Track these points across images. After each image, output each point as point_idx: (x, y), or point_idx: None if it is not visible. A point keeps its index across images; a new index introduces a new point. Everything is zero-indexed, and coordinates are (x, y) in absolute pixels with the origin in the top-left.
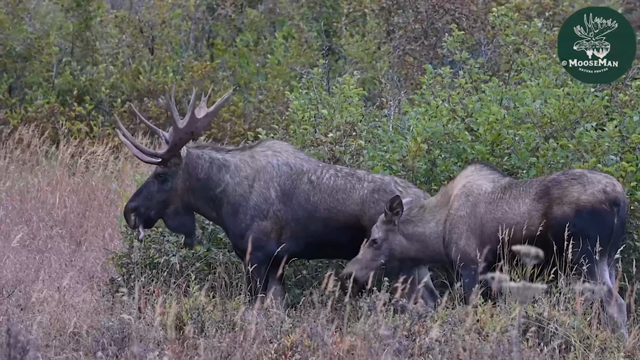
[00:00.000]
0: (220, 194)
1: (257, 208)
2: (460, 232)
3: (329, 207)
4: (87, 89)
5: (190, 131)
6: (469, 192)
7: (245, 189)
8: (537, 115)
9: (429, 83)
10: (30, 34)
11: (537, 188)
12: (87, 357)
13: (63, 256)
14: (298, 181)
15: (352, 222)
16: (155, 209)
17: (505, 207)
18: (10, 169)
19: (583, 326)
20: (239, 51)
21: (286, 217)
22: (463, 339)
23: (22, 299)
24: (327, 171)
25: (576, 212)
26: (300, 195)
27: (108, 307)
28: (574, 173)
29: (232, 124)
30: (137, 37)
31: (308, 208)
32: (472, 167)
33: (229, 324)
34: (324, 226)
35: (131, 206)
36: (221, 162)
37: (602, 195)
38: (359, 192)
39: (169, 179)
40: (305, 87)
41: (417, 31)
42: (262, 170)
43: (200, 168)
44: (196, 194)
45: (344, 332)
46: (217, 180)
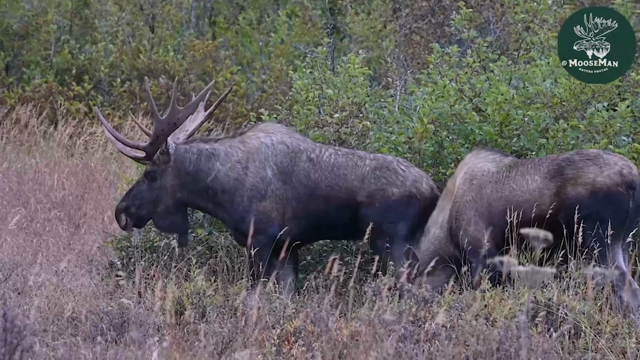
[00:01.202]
0: (211, 182)
1: (254, 189)
2: (468, 218)
3: (331, 183)
4: (86, 68)
5: (172, 122)
6: (472, 176)
7: (239, 172)
8: (547, 95)
9: (436, 62)
10: (27, 12)
11: (548, 167)
12: (86, 342)
13: (61, 239)
14: (297, 159)
15: (352, 200)
16: (146, 208)
17: (512, 184)
18: (7, 150)
19: (593, 311)
20: (241, 30)
21: (287, 196)
22: (470, 324)
23: (19, 283)
24: (326, 150)
25: (591, 194)
26: (300, 172)
27: (107, 292)
28: (589, 153)
29: (235, 104)
30: (137, 15)
31: (309, 185)
32: (469, 155)
33: (231, 309)
34: (325, 204)
35: (121, 206)
36: (209, 152)
37: (618, 178)
38: (361, 169)
39: (158, 177)
40: (309, 66)
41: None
42: (255, 152)
43: (189, 161)
44: (188, 188)
45: (348, 318)
46: (206, 170)
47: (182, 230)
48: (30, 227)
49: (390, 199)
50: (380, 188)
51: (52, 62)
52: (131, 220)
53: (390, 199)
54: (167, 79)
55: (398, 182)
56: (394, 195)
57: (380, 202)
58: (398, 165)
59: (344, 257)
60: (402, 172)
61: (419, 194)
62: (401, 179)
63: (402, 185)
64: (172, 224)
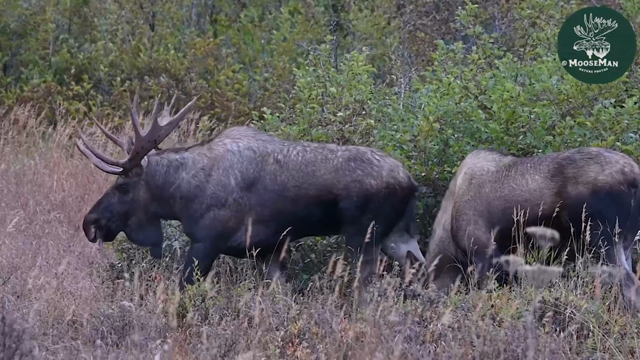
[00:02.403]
0: (174, 190)
1: (214, 197)
2: (467, 217)
3: (298, 183)
4: (85, 67)
5: (152, 139)
6: (471, 176)
7: (201, 179)
8: (554, 92)
9: (441, 59)
10: (25, 10)
11: (549, 165)
12: (86, 345)
13: (61, 241)
14: (263, 163)
15: (324, 195)
16: (117, 221)
17: (512, 184)
18: (5, 151)
19: (602, 311)
20: (243, 27)
21: (250, 203)
22: (476, 324)
23: (18, 286)
24: (294, 148)
25: (592, 192)
26: (266, 177)
27: (108, 294)
28: (590, 152)
29: (237, 103)
30: (137, 13)
31: (276, 189)
32: (469, 155)
33: (234, 311)
34: (294, 205)
35: (91, 218)
36: (178, 162)
37: (620, 176)
38: (333, 162)
39: (131, 189)
40: (312, 64)
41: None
42: (220, 159)
43: (158, 174)
44: (159, 200)
45: (353, 319)
46: (172, 181)
47: (157, 243)
48: (29, 229)
49: (368, 192)
50: (356, 179)
51: (50, 62)
52: (100, 233)
53: (368, 191)
54: (167, 77)
55: (374, 172)
56: (372, 187)
57: (358, 194)
58: (373, 155)
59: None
60: (378, 162)
61: (397, 183)
62: (377, 170)
63: (378, 176)
64: (146, 237)
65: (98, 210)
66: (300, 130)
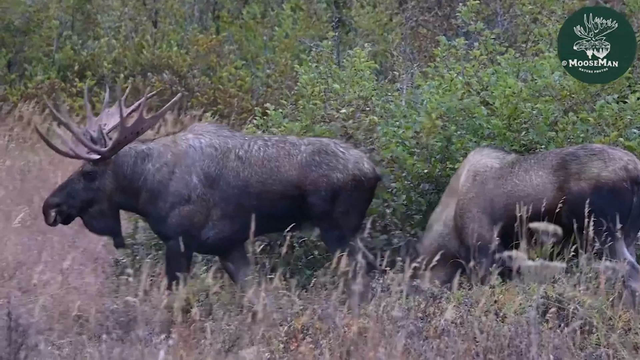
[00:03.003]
0: (142, 183)
1: (176, 194)
2: (472, 215)
3: (262, 179)
4: (89, 64)
5: (136, 131)
6: (475, 173)
7: (164, 175)
8: (556, 87)
9: (443, 55)
10: (29, 7)
11: (552, 161)
12: (92, 340)
13: (66, 237)
14: (225, 160)
15: (290, 190)
16: (78, 207)
17: (515, 180)
18: (10, 148)
19: (605, 306)
20: (245, 24)
21: (214, 199)
22: (480, 320)
23: (23, 281)
24: (255, 143)
25: (595, 188)
26: (229, 174)
27: (113, 290)
28: (594, 148)
29: (240, 99)
30: (140, 10)
31: (239, 185)
32: (472, 153)
33: (238, 306)
34: (258, 200)
35: (53, 202)
36: (145, 153)
37: (623, 173)
38: (297, 157)
39: (98, 178)
40: (314, 60)
41: (431, 1)
42: (183, 155)
43: (126, 165)
44: (125, 191)
45: (356, 314)
46: (140, 172)
47: (116, 232)
48: (34, 225)
49: (336, 185)
50: (323, 174)
51: (54, 59)
52: (60, 218)
53: (335, 185)
54: (170, 74)
55: (340, 166)
56: (339, 181)
57: (326, 189)
58: (337, 147)
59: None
60: (343, 155)
61: (363, 175)
62: (343, 162)
63: (344, 169)
64: (106, 226)
65: (61, 195)
66: (303, 127)
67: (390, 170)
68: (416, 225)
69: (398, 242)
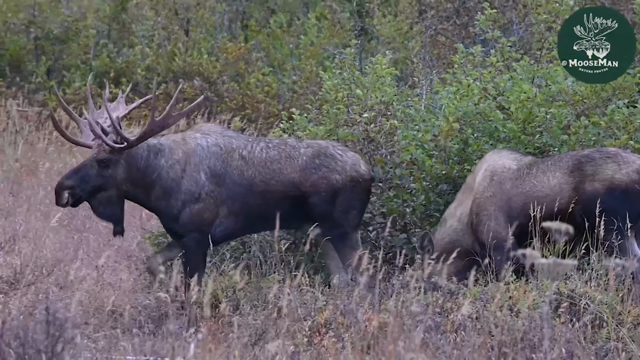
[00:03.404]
0: (156, 178)
1: (188, 192)
2: (488, 213)
3: (265, 179)
4: (124, 70)
5: (162, 125)
6: (493, 173)
7: (177, 173)
8: (569, 93)
9: (461, 62)
10: (67, 17)
11: (569, 162)
12: (125, 334)
13: (101, 235)
14: (229, 159)
15: (292, 191)
16: (89, 192)
17: (533, 181)
18: (49, 151)
19: (615, 302)
20: (272, 32)
21: (221, 197)
22: (495, 315)
23: (61, 278)
24: (258, 144)
25: (608, 190)
26: (233, 172)
27: (145, 286)
28: (609, 151)
29: (267, 104)
30: (173, 19)
31: (244, 183)
32: (490, 153)
33: (264, 301)
34: (262, 199)
35: (67, 184)
36: (157, 148)
37: (636, 176)
38: (297, 160)
39: (111, 166)
40: (338, 67)
41: (449, 10)
42: (192, 154)
43: (140, 157)
44: (136, 184)
45: (377, 310)
46: (154, 166)
47: (119, 220)
48: (71, 224)
49: (335, 186)
50: (323, 176)
51: (91, 66)
52: (72, 200)
53: (335, 186)
54: (201, 80)
55: (338, 168)
56: (338, 183)
57: (326, 190)
58: (335, 150)
59: (373, 252)
60: (340, 157)
61: (360, 176)
62: (341, 165)
63: (342, 170)
64: (112, 213)
65: (75, 178)
66: (327, 130)
67: (410, 172)
68: (434, 224)
69: (417, 241)
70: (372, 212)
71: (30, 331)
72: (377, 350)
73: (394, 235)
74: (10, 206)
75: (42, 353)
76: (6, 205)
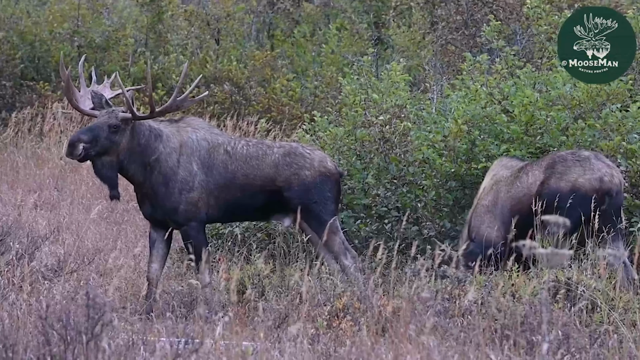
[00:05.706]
0: (154, 162)
1: (183, 182)
2: (482, 219)
3: (246, 173)
4: (160, 76)
5: (179, 105)
6: (494, 182)
7: (174, 161)
8: (567, 97)
9: (469, 69)
10: (108, 27)
11: (547, 161)
12: (159, 318)
13: (138, 227)
14: (215, 153)
15: (268, 185)
16: (95, 152)
17: (517, 182)
18: None
19: (608, 289)
20: (296, 41)
21: (209, 187)
22: (498, 301)
23: (101, 266)
24: (239, 142)
25: (569, 190)
26: (219, 165)
27: (178, 274)
28: (581, 155)
29: (291, 107)
30: (205, 29)
31: (227, 176)
32: (496, 161)
33: (287, 288)
34: (241, 191)
35: (84, 138)
36: (157, 132)
37: (597, 183)
38: (271, 157)
39: (119, 133)
40: (356, 73)
41: (458, 22)
42: (184, 145)
43: (142, 134)
44: (133, 157)
45: (391, 296)
46: (153, 148)
47: (113, 185)
48: (110, 217)
49: (306, 181)
50: (294, 172)
51: (129, 72)
52: (84, 153)
53: (306, 180)
54: (230, 85)
55: (307, 164)
56: (307, 178)
57: (298, 185)
58: (304, 149)
59: (388, 242)
60: (309, 155)
61: (327, 171)
62: (309, 162)
63: (311, 167)
64: (109, 176)
65: (90, 135)
66: (345, 131)
67: (422, 170)
68: (444, 217)
69: (428, 233)
70: (387, 206)
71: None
72: (391, 333)
73: (406, 227)
74: (55, 200)
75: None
76: (52, 200)
